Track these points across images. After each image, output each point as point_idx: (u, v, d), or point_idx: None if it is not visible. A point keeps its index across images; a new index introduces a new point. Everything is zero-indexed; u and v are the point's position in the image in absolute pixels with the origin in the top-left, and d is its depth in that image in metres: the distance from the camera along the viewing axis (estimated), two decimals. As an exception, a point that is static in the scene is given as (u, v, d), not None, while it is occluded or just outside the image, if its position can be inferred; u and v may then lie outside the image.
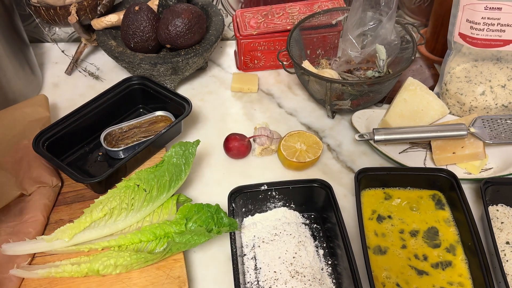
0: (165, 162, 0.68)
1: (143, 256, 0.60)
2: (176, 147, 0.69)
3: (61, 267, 0.59)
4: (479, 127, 0.76)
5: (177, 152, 0.69)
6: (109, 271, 0.60)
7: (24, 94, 0.88)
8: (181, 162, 0.68)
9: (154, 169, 0.67)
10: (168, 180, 0.66)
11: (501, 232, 0.67)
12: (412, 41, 0.82)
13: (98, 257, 0.60)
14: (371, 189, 0.72)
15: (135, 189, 0.64)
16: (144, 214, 0.65)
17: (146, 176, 0.65)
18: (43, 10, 0.85)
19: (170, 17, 0.82)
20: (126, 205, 0.63)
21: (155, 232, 0.62)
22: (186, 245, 0.62)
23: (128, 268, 0.60)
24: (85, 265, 0.59)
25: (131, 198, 0.64)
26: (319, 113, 0.89)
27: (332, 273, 0.63)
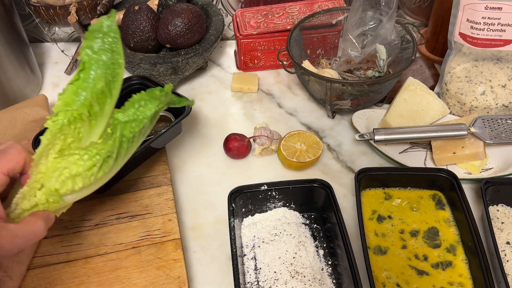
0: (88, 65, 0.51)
1: (95, 151, 0.49)
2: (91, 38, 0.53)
3: (19, 206, 0.49)
4: (479, 127, 0.76)
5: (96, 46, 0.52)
6: (71, 187, 0.49)
7: (24, 94, 0.88)
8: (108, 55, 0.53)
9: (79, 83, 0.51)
10: (105, 86, 0.52)
11: (501, 232, 0.67)
12: (412, 41, 0.82)
13: (48, 174, 0.49)
14: (371, 189, 0.72)
15: (71, 120, 0.50)
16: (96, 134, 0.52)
17: (74, 97, 0.51)
18: (43, 10, 0.85)
19: (170, 17, 0.82)
20: (73, 139, 0.51)
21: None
22: (138, 121, 0.52)
23: (90, 177, 0.50)
24: (41, 192, 0.49)
25: (74, 132, 0.51)
26: (319, 113, 0.89)
27: (332, 273, 0.63)
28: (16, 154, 0.49)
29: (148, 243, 0.64)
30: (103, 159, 0.50)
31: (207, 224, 0.71)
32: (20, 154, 0.49)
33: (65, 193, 0.50)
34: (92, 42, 0.52)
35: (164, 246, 0.64)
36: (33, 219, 0.48)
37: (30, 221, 0.47)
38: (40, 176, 0.49)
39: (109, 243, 0.64)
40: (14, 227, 0.46)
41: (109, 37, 0.53)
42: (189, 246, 0.68)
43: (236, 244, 0.61)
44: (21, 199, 0.49)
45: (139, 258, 0.62)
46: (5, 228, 0.45)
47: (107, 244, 0.64)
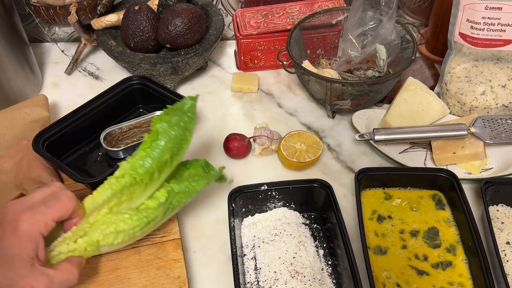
0: (161, 137, 0.57)
1: (145, 214, 0.54)
2: (171, 114, 0.58)
3: (57, 249, 0.52)
4: (479, 127, 0.76)
5: (173, 121, 0.58)
6: (111, 241, 0.53)
7: (24, 94, 0.88)
8: (180, 131, 0.58)
9: (149, 151, 0.56)
10: (169, 158, 0.57)
11: (501, 232, 0.67)
12: (412, 41, 0.82)
13: (95, 226, 0.53)
14: (371, 189, 0.72)
15: (133, 183, 0.55)
16: (146, 195, 0.58)
17: (142, 163, 0.56)
18: (43, 9, 0.85)
19: (170, 17, 0.82)
20: (126, 198, 0.56)
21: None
22: (187, 194, 0.58)
23: (131, 235, 0.54)
24: (82, 240, 0.52)
25: (130, 193, 0.56)
26: (319, 113, 0.89)
27: (332, 273, 0.63)
28: (67, 203, 0.51)
29: (148, 243, 0.64)
30: (148, 221, 0.55)
31: (207, 224, 0.71)
32: (71, 203, 0.51)
33: (103, 245, 0.53)
34: (171, 117, 0.58)
35: (164, 246, 0.64)
36: (70, 266, 0.50)
37: (66, 268, 0.50)
38: (87, 226, 0.53)
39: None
40: (52, 273, 0.48)
41: (186, 116, 0.59)
42: (189, 246, 0.68)
43: (236, 244, 0.61)
44: (61, 242, 0.52)
45: (139, 258, 0.62)
46: (44, 273, 0.47)
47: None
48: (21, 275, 0.46)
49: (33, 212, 0.48)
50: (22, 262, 0.46)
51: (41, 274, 0.47)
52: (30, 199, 0.50)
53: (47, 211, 0.49)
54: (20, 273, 0.46)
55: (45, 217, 0.48)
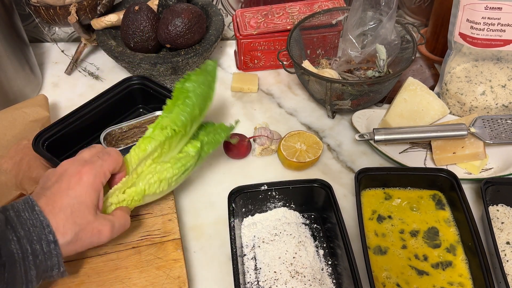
0: (191, 94, 0.64)
1: (183, 162, 0.62)
2: (198, 74, 0.66)
3: (109, 200, 0.57)
4: (479, 127, 0.76)
5: (200, 80, 0.66)
6: (154, 190, 0.60)
7: (24, 94, 0.88)
8: (205, 89, 0.66)
9: (183, 106, 0.63)
10: (198, 113, 0.65)
11: (501, 232, 0.67)
12: (412, 41, 0.82)
13: (142, 177, 0.59)
14: (371, 189, 0.72)
15: (173, 134, 0.62)
16: (180, 147, 0.65)
17: (179, 117, 0.63)
18: (43, 10, 0.85)
19: (170, 17, 0.82)
20: (166, 149, 0.63)
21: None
22: (213, 144, 0.68)
23: (170, 184, 0.61)
24: (131, 190, 0.58)
25: (169, 144, 0.62)
26: (319, 113, 0.89)
27: (332, 273, 0.63)
28: (117, 156, 0.57)
29: (148, 243, 0.64)
30: (185, 169, 0.63)
31: (207, 224, 0.71)
32: (120, 157, 0.58)
33: (148, 194, 0.60)
34: (198, 77, 0.66)
35: (164, 246, 0.64)
36: (123, 213, 0.57)
37: (121, 214, 0.57)
38: (135, 176, 0.59)
39: (109, 243, 0.64)
40: (112, 218, 0.55)
41: (210, 76, 0.69)
42: (189, 246, 0.68)
43: (236, 244, 0.61)
44: (112, 194, 0.58)
45: (139, 258, 0.62)
46: (106, 218, 0.54)
47: (107, 244, 0.64)
48: (88, 221, 0.51)
49: (93, 165, 0.54)
50: (88, 209, 0.51)
51: (104, 219, 0.53)
52: (82, 157, 0.55)
53: (104, 164, 0.55)
54: (87, 219, 0.51)
55: (103, 169, 0.54)
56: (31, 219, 0.48)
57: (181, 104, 0.63)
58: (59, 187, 0.51)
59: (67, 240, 0.49)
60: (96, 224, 0.52)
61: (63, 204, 0.50)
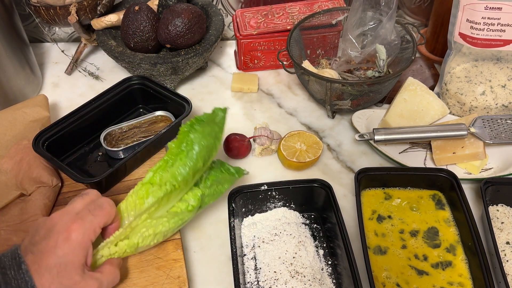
0: (196, 146, 0.60)
1: (181, 217, 0.60)
2: (204, 125, 0.62)
3: (100, 252, 0.56)
4: (479, 127, 0.76)
5: (205, 132, 0.62)
6: (148, 242, 0.58)
7: (24, 94, 0.88)
8: (211, 141, 0.62)
9: (186, 160, 0.60)
10: (202, 165, 0.61)
11: (501, 232, 0.67)
12: (412, 41, 0.82)
13: (136, 231, 0.57)
14: (371, 189, 0.72)
15: (172, 190, 0.59)
16: (178, 199, 0.62)
17: (180, 172, 0.59)
18: (43, 10, 0.85)
19: (170, 17, 0.82)
20: (164, 203, 0.60)
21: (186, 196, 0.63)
22: (215, 196, 0.65)
23: (165, 236, 0.60)
24: (123, 243, 0.57)
25: (168, 198, 0.60)
26: (319, 113, 0.89)
27: (332, 273, 0.63)
28: (110, 210, 0.55)
29: (148, 243, 0.64)
30: (182, 223, 0.61)
31: (207, 224, 0.71)
32: (113, 209, 0.55)
33: (141, 246, 0.58)
34: (204, 128, 0.62)
35: (164, 246, 0.64)
36: (112, 268, 0.55)
37: (110, 270, 0.54)
38: (129, 230, 0.57)
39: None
40: (100, 276, 0.52)
41: (217, 126, 0.64)
42: (189, 246, 0.68)
43: (236, 244, 0.61)
44: (103, 247, 0.56)
45: (139, 258, 0.62)
46: (94, 277, 0.51)
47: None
48: (74, 281, 0.49)
49: (82, 221, 0.51)
50: (75, 269, 0.49)
51: (91, 278, 0.51)
52: (73, 208, 0.53)
53: (95, 219, 0.52)
54: (73, 280, 0.49)
55: (93, 225, 0.52)
56: (16, 278, 0.47)
57: (184, 157, 0.60)
58: (47, 244, 0.49)
59: None
60: (83, 285, 0.50)
61: (49, 264, 0.48)
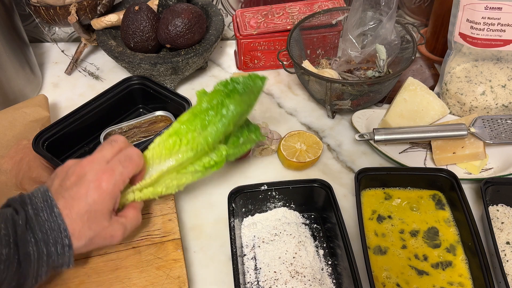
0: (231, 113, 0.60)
1: (203, 173, 0.62)
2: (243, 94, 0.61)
3: (125, 197, 0.58)
4: (479, 127, 0.76)
5: (244, 100, 0.62)
6: (171, 191, 0.61)
7: (24, 94, 0.88)
8: (244, 107, 0.62)
9: (219, 125, 0.60)
10: (232, 128, 0.63)
11: (501, 232, 0.67)
12: (412, 41, 0.82)
13: (161, 181, 0.60)
14: (371, 189, 0.72)
15: (202, 151, 0.61)
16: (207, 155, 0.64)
17: (212, 136, 0.60)
18: (43, 10, 0.85)
19: (170, 17, 0.82)
20: (192, 162, 0.62)
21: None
22: (235, 155, 0.65)
23: (186, 185, 0.63)
24: (148, 190, 0.59)
25: (196, 158, 0.62)
26: (319, 113, 0.89)
27: (332, 273, 0.63)
28: (139, 161, 0.57)
29: (148, 243, 0.64)
30: (203, 177, 0.63)
31: (207, 224, 0.71)
32: (141, 161, 0.57)
33: (164, 195, 0.61)
34: (242, 96, 0.62)
35: (164, 246, 0.64)
36: (135, 212, 0.58)
37: (133, 214, 0.58)
38: (155, 178, 0.59)
39: (110, 243, 0.64)
40: (124, 221, 0.56)
41: (253, 95, 0.64)
42: (189, 246, 0.68)
43: (236, 244, 0.61)
44: (129, 192, 0.58)
45: (139, 258, 0.62)
46: (119, 222, 0.55)
47: (109, 244, 0.64)
48: (103, 226, 0.52)
49: (113, 172, 0.53)
50: (103, 216, 0.53)
51: (117, 223, 0.54)
52: (103, 156, 0.55)
53: (125, 171, 0.54)
54: (102, 225, 0.52)
55: (123, 176, 0.54)
56: (49, 221, 0.49)
57: (217, 121, 0.60)
58: (78, 191, 0.51)
59: (81, 244, 0.51)
60: (110, 230, 0.53)
61: (81, 210, 0.50)
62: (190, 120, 0.60)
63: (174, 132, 0.60)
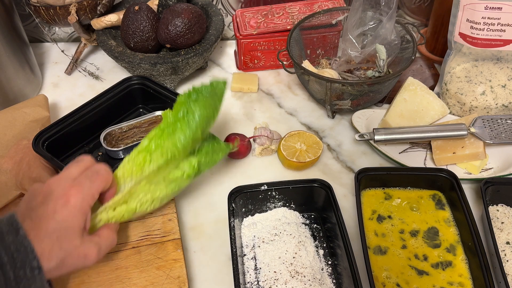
0: (197, 116, 0.60)
1: (178, 183, 0.61)
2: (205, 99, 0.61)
3: (98, 217, 0.56)
4: (479, 127, 0.76)
5: (207, 104, 0.61)
6: (145, 208, 0.59)
7: (24, 94, 0.88)
8: (210, 111, 0.62)
9: (186, 128, 0.60)
10: (200, 135, 0.61)
11: (501, 232, 0.67)
12: (412, 41, 0.82)
13: (134, 196, 0.58)
14: (371, 189, 0.72)
15: (172, 157, 0.60)
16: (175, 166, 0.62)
17: (180, 141, 0.59)
18: (43, 10, 0.85)
19: (170, 17, 0.82)
20: (163, 170, 0.60)
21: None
22: (210, 164, 0.65)
23: (162, 201, 0.61)
24: (121, 208, 0.57)
25: (167, 165, 0.60)
26: (319, 113, 0.89)
27: (332, 273, 0.63)
28: (107, 176, 0.55)
29: (148, 243, 0.64)
30: (178, 189, 0.62)
31: (207, 224, 0.71)
32: (110, 175, 0.56)
33: (139, 212, 0.59)
34: (206, 100, 0.62)
35: (164, 246, 0.64)
36: (110, 232, 0.56)
37: (108, 234, 0.55)
38: (127, 196, 0.58)
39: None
40: (98, 240, 0.53)
41: (217, 98, 0.65)
42: (189, 246, 0.68)
43: (236, 244, 0.61)
44: (102, 211, 0.56)
45: (139, 258, 0.62)
46: (93, 241, 0.52)
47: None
48: (74, 245, 0.49)
49: (80, 187, 0.51)
50: (74, 234, 0.50)
51: (91, 242, 0.52)
52: (69, 174, 0.53)
53: (93, 185, 0.52)
54: (73, 244, 0.49)
55: (91, 191, 0.52)
56: (15, 243, 0.45)
57: (184, 126, 0.60)
58: (45, 210, 0.49)
59: (52, 266, 0.48)
60: (82, 249, 0.50)
61: (49, 229, 0.48)
62: (158, 135, 0.59)
63: (143, 149, 0.59)
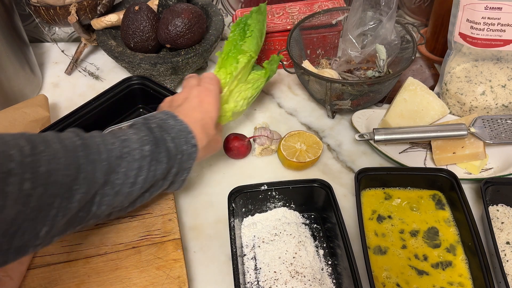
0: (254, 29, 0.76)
1: (257, 85, 0.75)
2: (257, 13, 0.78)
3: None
4: (479, 127, 0.76)
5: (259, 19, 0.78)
6: (239, 107, 0.72)
7: (24, 94, 0.88)
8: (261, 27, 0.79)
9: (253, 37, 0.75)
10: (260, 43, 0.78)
11: (501, 232, 0.67)
12: (412, 41, 0.82)
13: (232, 95, 0.72)
14: (371, 189, 0.72)
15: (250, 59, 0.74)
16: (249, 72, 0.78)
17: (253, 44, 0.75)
18: (43, 10, 0.85)
19: (170, 17, 0.82)
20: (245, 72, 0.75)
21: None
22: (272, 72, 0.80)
23: (248, 102, 0.74)
24: (223, 106, 0.69)
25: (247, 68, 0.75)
26: (319, 113, 0.89)
27: (332, 273, 0.63)
28: (218, 80, 0.68)
29: (148, 243, 0.64)
30: (257, 92, 0.76)
31: (207, 224, 0.71)
32: (219, 79, 0.70)
33: (235, 112, 0.72)
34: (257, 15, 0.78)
35: (164, 246, 0.64)
36: (220, 131, 0.68)
37: (219, 127, 0.67)
38: (227, 94, 0.71)
39: (109, 243, 0.64)
40: (219, 132, 0.67)
41: (262, 15, 0.80)
42: (189, 246, 0.68)
43: (236, 244, 0.61)
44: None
45: (139, 258, 0.62)
46: (219, 131, 0.67)
47: (107, 244, 0.64)
48: (212, 134, 0.62)
49: (209, 89, 0.64)
50: (213, 124, 0.63)
51: (219, 132, 0.67)
52: (193, 84, 0.65)
53: (215, 87, 0.65)
54: (213, 131, 0.62)
55: (217, 91, 0.65)
56: (176, 125, 0.57)
57: (250, 36, 0.75)
58: (190, 105, 0.61)
59: (203, 146, 0.59)
60: (216, 136, 0.64)
61: (197, 118, 0.60)
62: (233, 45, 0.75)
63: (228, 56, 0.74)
